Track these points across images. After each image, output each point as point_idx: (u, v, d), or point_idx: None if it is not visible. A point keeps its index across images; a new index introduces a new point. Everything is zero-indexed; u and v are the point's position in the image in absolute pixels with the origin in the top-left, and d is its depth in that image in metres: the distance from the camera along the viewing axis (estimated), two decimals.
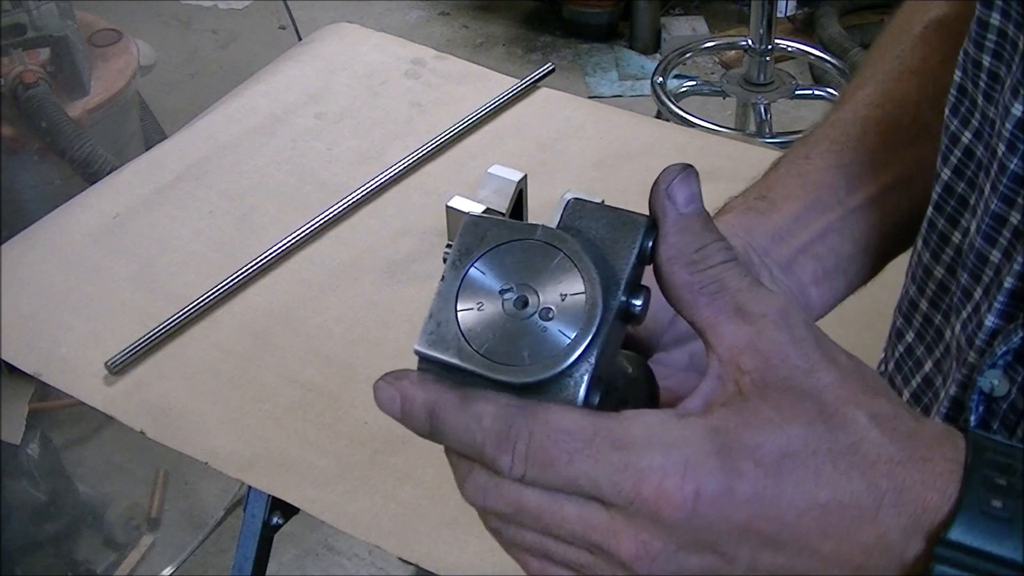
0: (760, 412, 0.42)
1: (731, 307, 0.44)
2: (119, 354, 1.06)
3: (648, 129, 1.34)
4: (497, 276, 0.44)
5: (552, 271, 0.44)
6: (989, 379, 0.55)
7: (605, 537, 0.42)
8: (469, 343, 0.44)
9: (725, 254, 0.45)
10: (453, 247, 0.45)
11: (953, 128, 0.59)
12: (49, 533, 1.87)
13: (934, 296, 0.63)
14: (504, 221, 0.46)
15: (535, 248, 0.44)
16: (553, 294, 0.43)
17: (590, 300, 0.43)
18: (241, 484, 1.04)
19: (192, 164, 1.30)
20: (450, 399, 0.43)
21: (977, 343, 0.56)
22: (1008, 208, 0.54)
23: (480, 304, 0.44)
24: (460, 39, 3.26)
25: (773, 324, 0.43)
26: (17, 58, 2.08)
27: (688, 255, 0.45)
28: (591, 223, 0.45)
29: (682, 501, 0.41)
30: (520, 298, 0.44)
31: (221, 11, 3.33)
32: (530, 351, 0.43)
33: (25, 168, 2.13)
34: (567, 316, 0.43)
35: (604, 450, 0.41)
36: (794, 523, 0.41)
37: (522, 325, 0.43)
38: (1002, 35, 0.55)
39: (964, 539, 0.41)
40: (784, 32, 2.83)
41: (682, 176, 0.45)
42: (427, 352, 0.45)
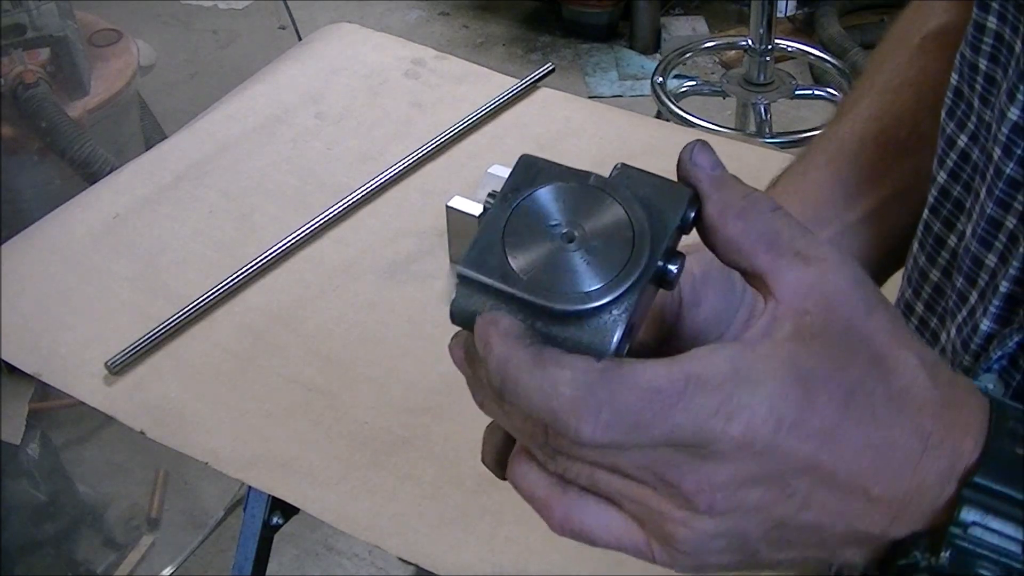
0: (827, 350, 0.42)
1: (791, 252, 0.44)
2: (119, 354, 1.06)
3: (648, 129, 1.34)
4: (546, 212, 0.44)
5: (601, 214, 0.44)
6: (984, 383, 0.55)
7: (669, 471, 0.42)
8: (513, 268, 0.43)
9: (771, 202, 0.45)
10: (506, 181, 0.45)
11: (949, 131, 0.59)
12: (49, 533, 1.87)
13: (930, 299, 0.63)
14: (557, 164, 0.46)
15: (587, 192, 0.45)
16: (600, 234, 0.44)
17: (637, 245, 0.43)
18: (241, 484, 1.04)
19: (192, 164, 1.30)
20: (525, 358, 0.41)
21: (972, 347, 0.56)
22: (1004, 212, 0.54)
23: (527, 235, 0.44)
24: (460, 39, 3.26)
25: (835, 266, 0.43)
26: (17, 58, 2.08)
27: (737, 206, 0.45)
28: (638, 186, 0.46)
29: (767, 434, 0.41)
30: (567, 234, 0.44)
31: (221, 11, 3.33)
32: (572, 283, 0.43)
33: (25, 168, 2.13)
34: (612, 257, 0.43)
35: (696, 396, 0.41)
36: (851, 462, 0.42)
37: (567, 257, 0.43)
38: (999, 39, 0.55)
39: (990, 483, 0.42)
40: (784, 32, 2.83)
41: (699, 146, 0.46)
42: (469, 273, 0.44)
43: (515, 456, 0.46)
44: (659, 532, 0.43)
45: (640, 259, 0.43)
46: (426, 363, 1.06)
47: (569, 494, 0.44)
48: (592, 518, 0.44)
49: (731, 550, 0.43)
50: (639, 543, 0.44)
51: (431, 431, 1.00)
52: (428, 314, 1.11)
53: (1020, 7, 0.53)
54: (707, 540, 0.43)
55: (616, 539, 0.44)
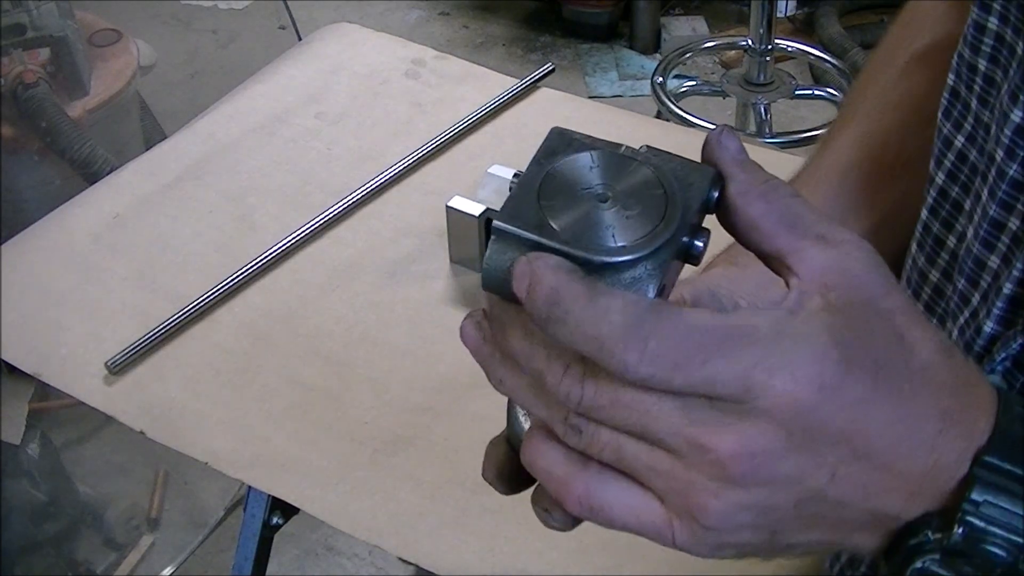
0: (853, 323, 0.42)
1: (813, 233, 0.44)
2: (119, 354, 1.06)
3: (648, 129, 1.34)
4: (580, 175, 0.45)
5: (634, 178, 0.45)
6: None
7: (704, 433, 0.41)
8: (549, 222, 0.44)
9: (790, 188, 0.46)
10: (541, 147, 0.46)
11: (946, 132, 0.59)
12: (49, 533, 1.87)
13: (930, 300, 0.63)
14: (589, 136, 0.47)
15: (619, 158, 0.46)
16: (633, 196, 0.44)
17: (670, 204, 0.44)
18: (241, 484, 1.04)
19: (192, 164, 1.30)
20: (577, 288, 0.41)
21: (975, 349, 0.56)
22: (1007, 214, 0.54)
23: (563, 194, 0.45)
24: (460, 39, 3.26)
25: (856, 247, 0.44)
26: (17, 58, 2.08)
27: (759, 187, 0.45)
28: (665, 159, 0.47)
29: (810, 395, 0.41)
30: (601, 195, 0.45)
31: (221, 11, 3.33)
32: (608, 237, 0.43)
33: (25, 168, 2.13)
34: (646, 216, 0.44)
35: (738, 346, 0.41)
36: (880, 436, 0.42)
37: (602, 215, 0.44)
38: (999, 39, 0.55)
39: (1001, 462, 0.43)
40: (784, 32, 2.83)
41: (727, 130, 0.47)
42: (506, 226, 0.44)
43: (532, 434, 0.45)
44: (684, 506, 0.43)
45: (673, 220, 0.44)
46: (426, 363, 1.06)
47: (590, 469, 0.44)
48: (613, 495, 0.44)
49: (755, 527, 0.43)
50: (659, 522, 0.43)
51: (431, 431, 1.00)
52: (428, 314, 1.11)
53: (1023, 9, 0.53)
54: (735, 513, 0.42)
55: (636, 517, 0.44)
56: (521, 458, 0.46)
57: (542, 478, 0.45)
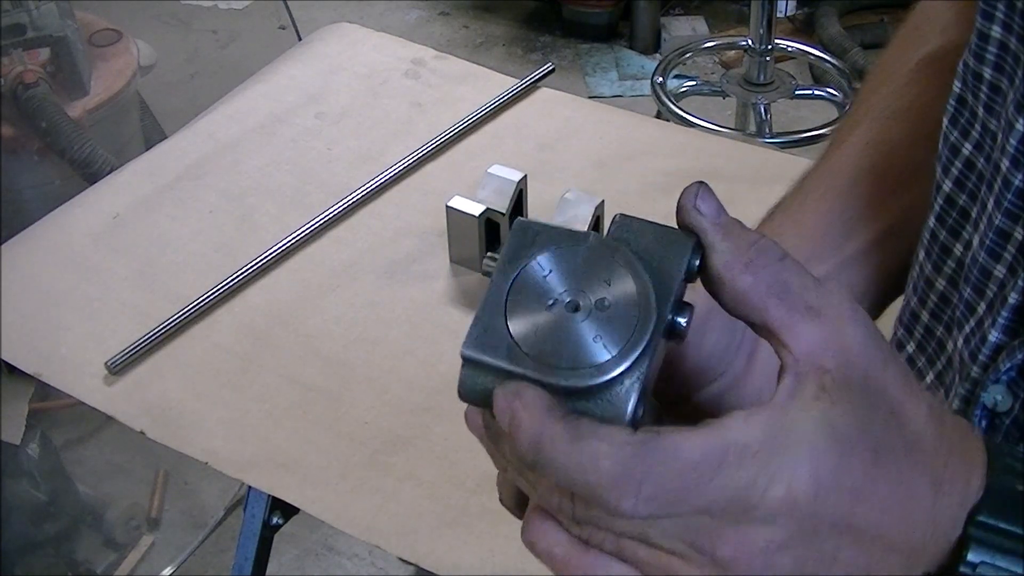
0: (851, 408, 0.42)
1: (803, 306, 0.43)
2: (119, 354, 1.06)
3: (648, 129, 1.34)
4: (548, 281, 0.43)
5: (604, 278, 0.43)
6: (992, 394, 0.55)
7: (704, 538, 0.41)
8: (519, 345, 0.42)
9: (777, 249, 0.44)
10: (502, 251, 0.44)
11: (953, 139, 0.59)
12: (49, 533, 1.87)
13: (935, 308, 0.63)
14: (554, 227, 0.45)
15: (587, 254, 0.44)
16: (605, 301, 0.43)
17: (644, 308, 0.42)
18: (241, 484, 1.04)
19: (192, 164, 1.30)
20: (558, 433, 0.41)
21: (981, 358, 0.56)
22: (1013, 223, 0.53)
23: (530, 308, 0.43)
24: (460, 39, 3.26)
25: (850, 320, 0.43)
26: (17, 58, 2.08)
27: (744, 257, 0.44)
28: (639, 237, 0.45)
29: (807, 498, 0.41)
30: (571, 302, 0.43)
31: (221, 11, 3.32)
32: (581, 355, 0.42)
33: (25, 168, 2.13)
34: (619, 323, 0.42)
35: (734, 465, 0.40)
36: (879, 518, 0.42)
37: (573, 329, 0.42)
38: (1003, 47, 0.54)
39: (995, 520, 0.43)
40: (784, 32, 2.83)
41: (702, 191, 0.45)
42: (474, 356, 0.43)
43: (533, 514, 0.45)
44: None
45: (648, 322, 0.42)
46: (426, 363, 1.06)
47: (590, 554, 0.43)
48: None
49: None
50: None
51: (431, 431, 1.00)
52: (428, 314, 1.11)
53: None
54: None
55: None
56: (521, 536, 0.45)
57: (543, 559, 0.45)
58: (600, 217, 1.08)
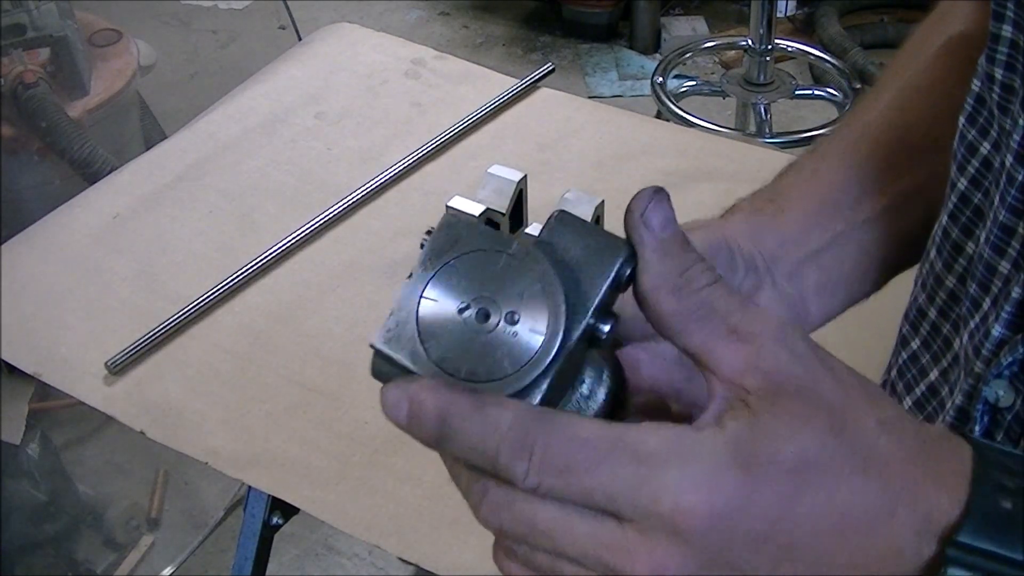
0: (775, 423, 0.41)
1: (724, 329, 0.43)
2: (119, 354, 1.06)
3: (648, 129, 1.34)
4: (463, 285, 0.43)
5: (518, 290, 0.43)
6: (994, 389, 0.55)
7: (618, 557, 0.41)
8: (424, 347, 0.43)
9: (709, 275, 0.44)
10: (426, 246, 0.45)
11: (971, 138, 0.59)
12: (49, 533, 1.87)
13: (944, 305, 0.63)
14: (481, 228, 0.44)
15: (506, 263, 0.43)
16: (516, 314, 0.43)
17: (552, 327, 0.42)
18: (241, 484, 1.04)
19: (192, 164, 1.30)
20: (464, 404, 0.42)
21: (984, 353, 0.56)
22: (1017, 219, 0.54)
23: (441, 311, 0.43)
24: (460, 39, 3.26)
25: (772, 341, 0.43)
26: (17, 58, 2.08)
27: (672, 281, 0.44)
28: (571, 242, 0.44)
29: (701, 516, 0.40)
30: (482, 311, 0.43)
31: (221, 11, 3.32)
32: (481, 368, 0.42)
33: (25, 168, 2.13)
34: (525, 340, 0.42)
35: (622, 462, 0.41)
36: (812, 533, 0.41)
37: (479, 340, 0.43)
38: (1014, 46, 0.54)
39: (974, 541, 0.41)
40: (784, 32, 2.83)
41: (655, 200, 0.44)
42: (381, 348, 0.44)
43: (495, 548, 0.48)
44: None
45: (553, 342, 0.42)
46: None
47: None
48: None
49: None
50: None
51: None
52: None
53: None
54: None
55: None
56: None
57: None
58: (600, 217, 1.08)
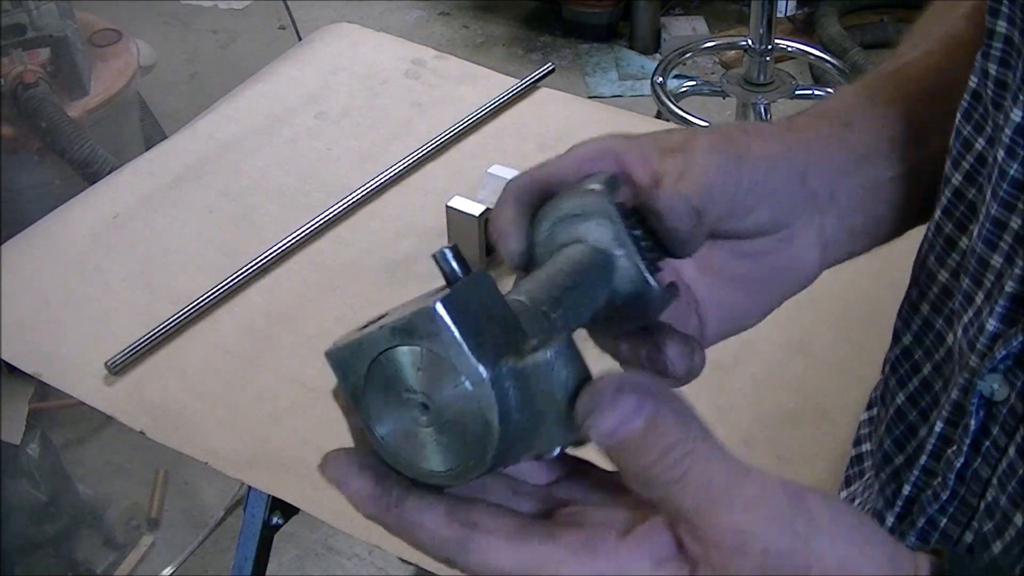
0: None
1: (683, 526, 0.42)
2: (119, 354, 1.06)
3: (648, 129, 1.33)
4: (417, 375, 0.43)
5: (463, 415, 0.42)
6: (989, 383, 0.55)
7: None
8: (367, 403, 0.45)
9: (675, 469, 0.41)
10: (408, 314, 0.43)
11: (966, 134, 0.58)
12: (49, 533, 1.87)
13: (936, 300, 0.63)
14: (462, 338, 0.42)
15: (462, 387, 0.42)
16: (454, 427, 0.43)
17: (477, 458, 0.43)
18: (241, 484, 1.04)
19: (192, 164, 1.30)
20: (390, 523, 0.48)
21: (978, 347, 0.56)
22: (1008, 213, 0.54)
23: (389, 383, 0.44)
24: (460, 39, 3.26)
25: (728, 552, 0.41)
26: (17, 58, 2.08)
27: (636, 475, 0.42)
28: (547, 395, 0.43)
29: None
30: (423, 405, 0.43)
31: (221, 11, 3.32)
32: (412, 452, 0.44)
33: (25, 168, 2.13)
34: (457, 450, 0.43)
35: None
36: None
37: (414, 429, 0.44)
38: (1008, 42, 0.54)
39: None
40: (784, 32, 2.82)
41: (602, 405, 0.41)
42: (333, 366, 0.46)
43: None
44: None
45: (480, 466, 0.42)
46: None
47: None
48: None
49: None
50: None
51: None
52: None
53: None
54: None
55: None
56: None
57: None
58: None
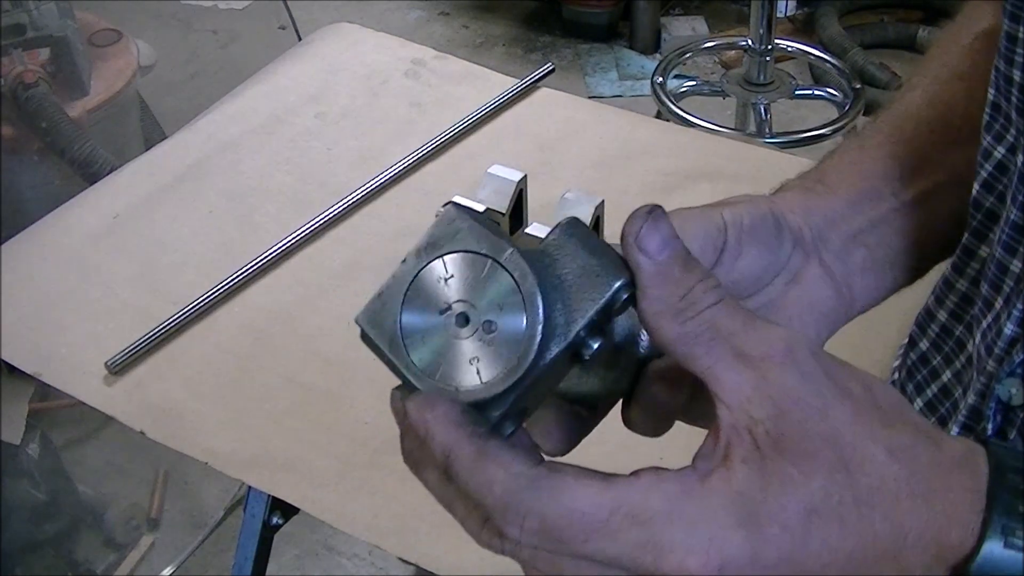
0: (780, 470, 0.40)
1: (730, 353, 0.42)
2: (119, 354, 1.06)
3: (648, 129, 1.34)
4: (448, 285, 0.43)
5: (500, 301, 0.43)
6: (1007, 387, 0.55)
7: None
8: (403, 338, 0.44)
9: (713, 295, 0.43)
10: (424, 234, 0.44)
11: (986, 144, 0.58)
12: (49, 533, 1.87)
13: (955, 308, 0.63)
14: (479, 227, 0.44)
15: (491, 270, 0.43)
16: (493, 324, 0.42)
17: (525, 347, 0.42)
18: (241, 484, 1.04)
19: (192, 164, 1.30)
20: (466, 452, 0.42)
21: (996, 352, 0.56)
22: None
23: (424, 307, 0.43)
24: (460, 39, 3.25)
25: (779, 365, 0.42)
26: (17, 58, 2.08)
27: (673, 306, 0.42)
28: (570, 257, 0.43)
29: (712, 572, 0.40)
30: (462, 315, 0.43)
31: (221, 11, 3.32)
32: (452, 372, 0.43)
33: (25, 168, 2.13)
34: (498, 353, 0.42)
35: (622, 528, 0.40)
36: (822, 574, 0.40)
37: (454, 344, 0.43)
38: None
39: (988, 572, 0.41)
40: (784, 32, 2.82)
41: (650, 221, 0.43)
42: (365, 328, 0.45)
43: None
44: None
45: (522, 364, 0.42)
46: None
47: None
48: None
49: None
50: None
51: None
52: None
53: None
54: None
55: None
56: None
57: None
58: (600, 217, 1.08)
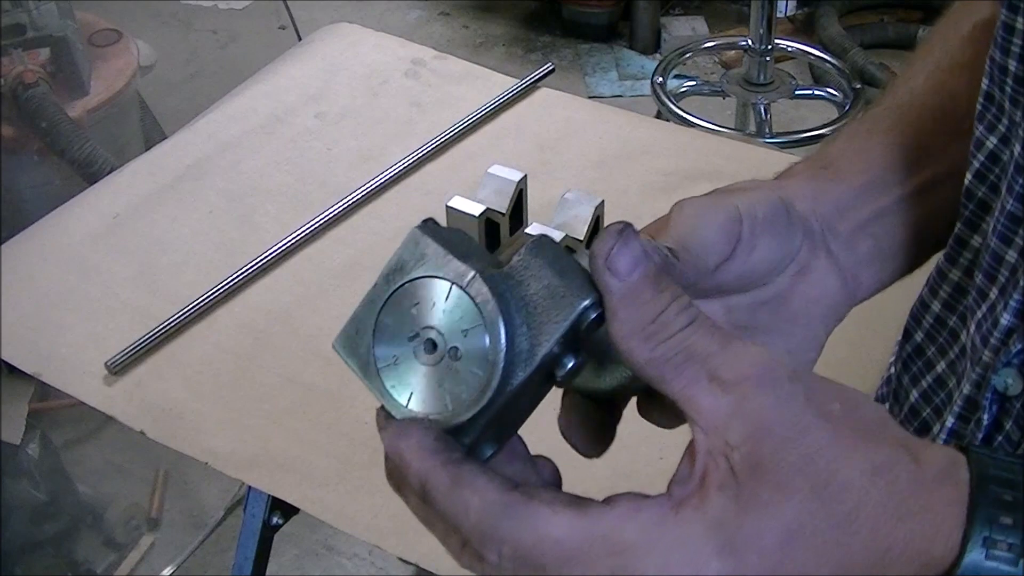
0: (757, 496, 0.40)
1: (704, 376, 0.41)
2: (119, 354, 1.06)
3: (648, 129, 1.34)
4: (416, 311, 0.44)
5: (464, 327, 0.43)
6: (1003, 378, 0.55)
7: None
8: (376, 364, 0.44)
9: (686, 316, 0.42)
10: (393, 256, 0.45)
11: (978, 134, 0.58)
12: (49, 533, 1.87)
13: (949, 298, 0.63)
14: (442, 250, 0.44)
15: (459, 296, 0.43)
16: (458, 351, 0.43)
17: (489, 373, 0.42)
18: (241, 484, 1.04)
19: (192, 164, 1.30)
20: (440, 480, 0.42)
21: (992, 342, 0.56)
22: None
23: (395, 333, 0.44)
24: (460, 39, 3.26)
25: (755, 388, 0.41)
26: (17, 58, 2.08)
27: (644, 328, 0.41)
28: (535, 278, 0.43)
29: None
30: (430, 341, 0.43)
31: (221, 11, 3.32)
32: (423, 399, 0.43)
33: (25, 168, 2.13)
34: (464, 378, 0.42)
35: (599, 557, 0.40)
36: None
37: (423, 371, 0.43)
38: None
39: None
40: (784, 32, 2.83)
41: (620, 242, 0.42)
42: (340, 352, 0.46)
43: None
44: None
45: (487, 390, 0.42)
46: None
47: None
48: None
49: None
50: None
51: None
52: None
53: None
54: None
55: None
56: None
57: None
58: (600, 217, 1.08)
